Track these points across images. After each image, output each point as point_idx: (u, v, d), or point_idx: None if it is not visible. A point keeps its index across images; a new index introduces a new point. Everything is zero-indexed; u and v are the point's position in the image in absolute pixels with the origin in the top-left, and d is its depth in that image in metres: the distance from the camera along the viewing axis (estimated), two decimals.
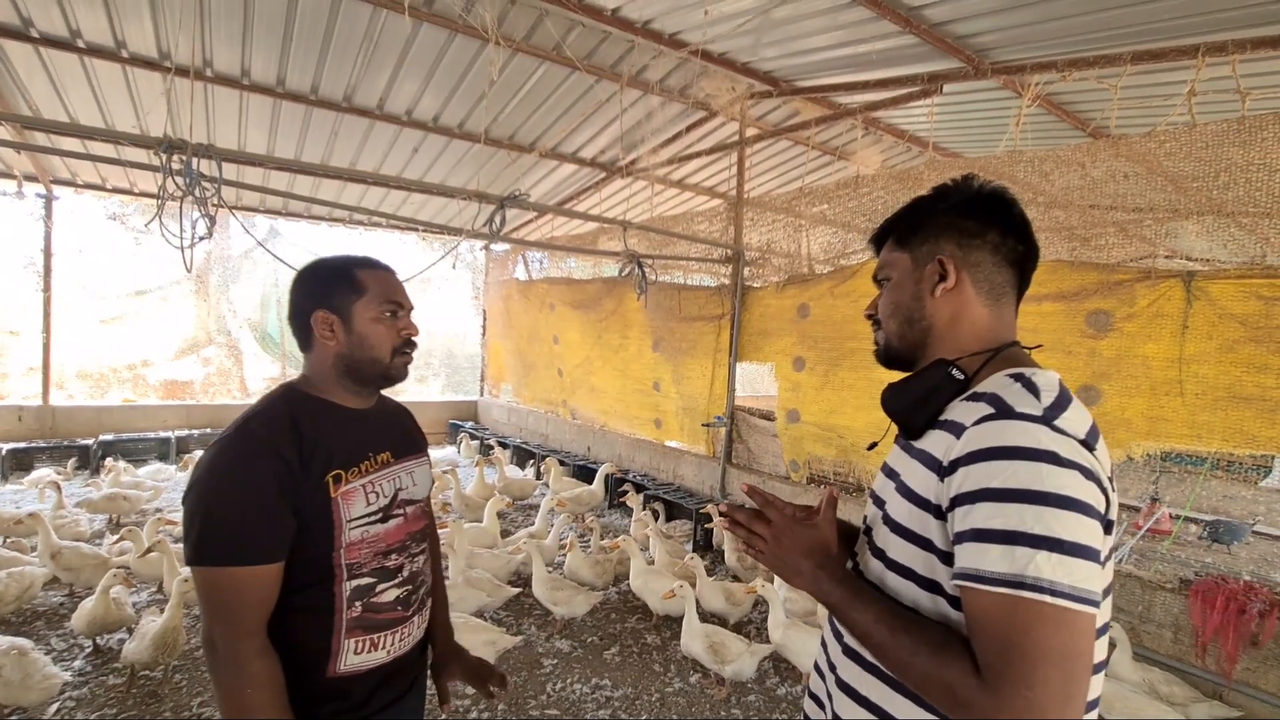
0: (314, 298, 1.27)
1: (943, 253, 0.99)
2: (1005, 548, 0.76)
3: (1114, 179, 4.10)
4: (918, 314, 1.01)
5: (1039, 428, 0.80)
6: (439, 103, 5.92)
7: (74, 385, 9.94)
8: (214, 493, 1.12)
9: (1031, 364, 0.96)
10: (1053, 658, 0.73)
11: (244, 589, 1.11)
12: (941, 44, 4.37)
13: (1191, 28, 3.83)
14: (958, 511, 0.82)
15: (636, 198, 7.62)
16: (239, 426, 1.17)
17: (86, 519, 4.83)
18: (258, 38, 4.85)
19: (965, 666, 0.78)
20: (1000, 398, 0.86)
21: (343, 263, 1.31)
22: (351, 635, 1.22)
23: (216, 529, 1.10)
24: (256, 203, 8.11)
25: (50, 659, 3.01)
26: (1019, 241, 0.99)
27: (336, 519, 1.20)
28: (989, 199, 0.99)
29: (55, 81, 5.24)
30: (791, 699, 3.23)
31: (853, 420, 4.94)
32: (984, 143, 6.76)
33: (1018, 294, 1.02)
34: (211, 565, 1.10)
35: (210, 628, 1.12)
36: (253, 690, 1.10)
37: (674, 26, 4.84)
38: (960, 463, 0.83)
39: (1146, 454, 3.64)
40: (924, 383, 0.98)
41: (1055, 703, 0.72)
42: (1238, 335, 3.27)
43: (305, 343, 1.30)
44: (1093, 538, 0.77)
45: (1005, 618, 0.75)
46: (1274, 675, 2.96)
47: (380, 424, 1.37)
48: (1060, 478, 0.77)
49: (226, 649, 1.10)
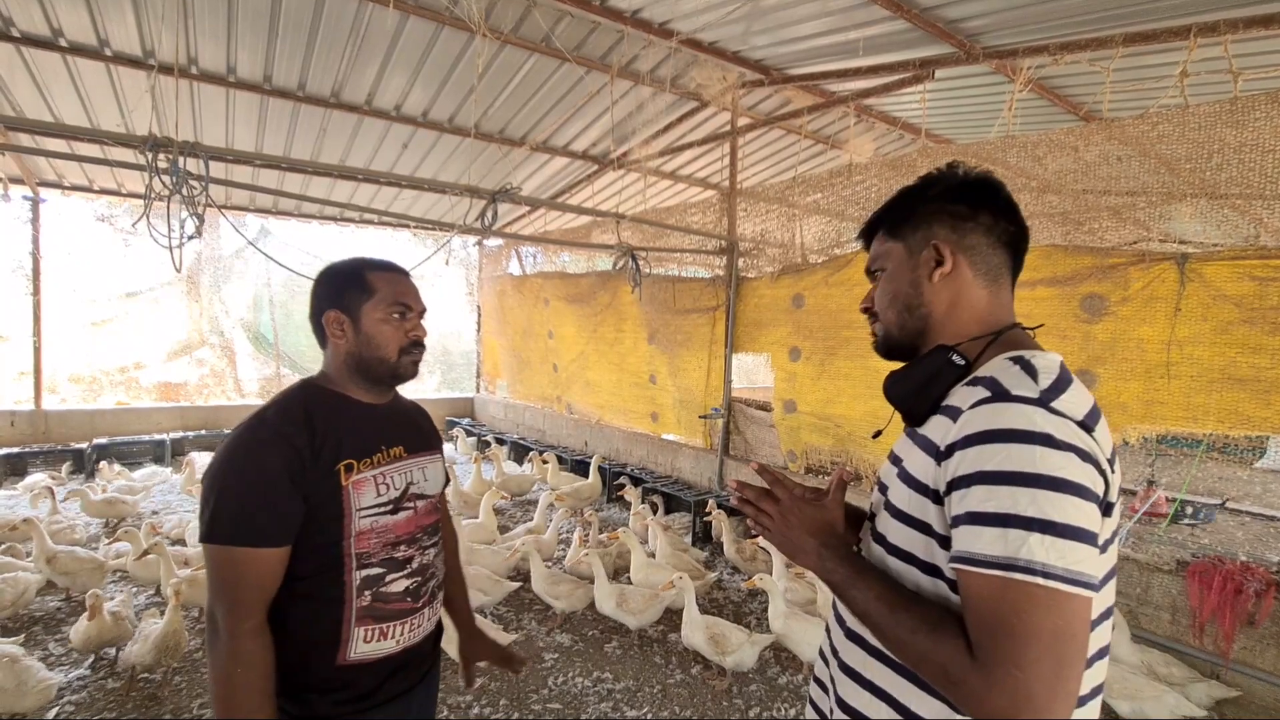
0: (327, 298, 1.34)
1: (937, 238, 0.99)
2: (999, 530, 0.76)
3: (1107, 162, 4.10)
4: (916, 301, 1.01)
5: (1035, 410, 0.80)
6: (428, 97, 5.87)
7: (66, 389, 9.87)
8: (226, 476, 1.18)
9: (1034, 346, 0.96)
10: (1044, 640, 0.73)
11: (247, 569, 1.16)
12: (933, 29, 4.34)
13: (1184, 7, 3.81)
14: (954, 495, 0.82)
15: (629, 190, 7.59)
16: (255, 417, 1.24)
17: (83, 524, 4.81)
18: (243, 34, 4.79)
19: (959, 646, 0.78)
20: (997, 381, 0.86)
21: (356, 265, 1.37)
22: (361, 624, 1.26)
23: (225, 510, 1.16)
24: (246, 201, 8.04)
25: (46, 664, 3.00)
26: (1010, 222, 0.99)
27: (346, 507, 1.24)
28: (977, 183, 1.00)
29: (38, 81, 5.17)
30: (793, 688, 3.23)
31: (849, 409, 4.94)
32: (977, 129, 6.74)
33: (1013, 276, 1.02)
34: (220, 544, 1.16)
35: (213, 603, 1.17)
36: (242, 669, 1.14)
37: (663, 15, 4.80)
38: (956, 446, 0.83)
39: (1143, 437, 3.65)
40: (925, 369, 0.97)
41: (1045, 685, 0.72)
42: (1232, 316, 3.27)
43: (321, 339, 1.37)
44: (1088, 520, 0.76)
45: (997, 599, 0.76)
46: (1271, 654, 2.98)
47: (394, 420, 1.42)
48: (1055, 460, 0.77)
49: (225, 624, 1.15)
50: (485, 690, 3.14)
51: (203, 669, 3.23)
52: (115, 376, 10.33)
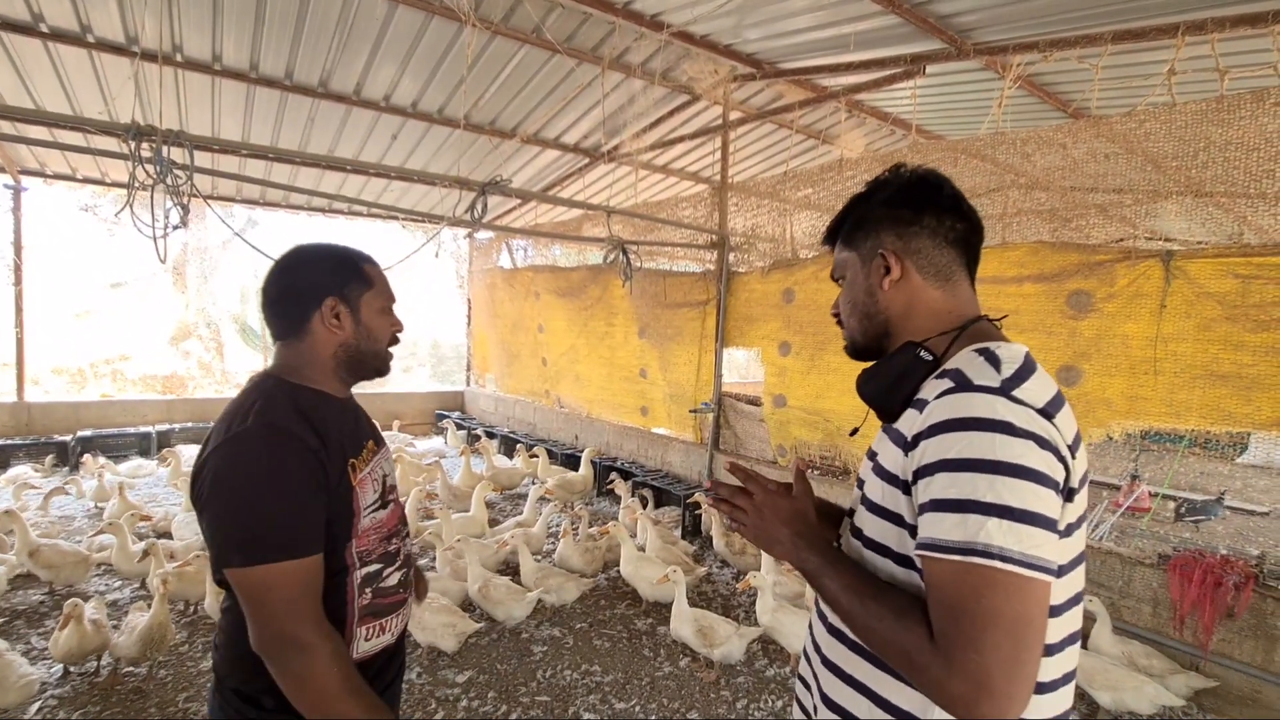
0: (324, 284, 1.25)
1: (884, 246, 1.01)
2: (959, 516, 0.78)
3: (1095, 159, 4.13)
4: (873, 309, 1.04)
5: (995, 398, 0.82)
6: (417, 87, 5.81)
7: (50, 381, 9.76)
8: (253, 489, 1.09)
9: (1000, 337, 0.98)
10: (1002, 624, 0.75)
11: (304, 580, 1.11)
12: (924, 24, 4.35)
13: (1172, 6, 3.83)
14: (920, 484, 0.84)
15: (620, 183, 7.57)
16: (255, 419, 1.13)
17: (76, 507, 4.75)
18: (228, 21, 4.72)
19: (923, 632, 0.80)
20: (962, 372, 0.87)
21: (347, 254, 1.31)
22: (363, 623, 1.25)
23: (267, 526, 1.08)
24: (233, 192, 7.95)
25: (28, 659, 2.97)
26: (957, 219, 1.00)
27: (356, 508, 1.22)
28: (918, 185, 1.01)
29: (19, 68, 5.08)
30: (780, 680, 3.26)
31: (839, 404, 4.96)
32: (966, 125, 6.76)
33: (969, 270, 1.03)
34: (268, 563, 1.07)
35: (278, 626, 1.08)
36: (338, 667, 1.10)
37: (655, 8, 4.77)
38: (921, 436, 0.85)
39: (1126, 433, 3.69)
40: (894, 366, 0.99)
41: (1003, 668, 0.74)
42: (1215, 313, 3.31)
43: (293, 328, 1.25)
44: (1045, 506, 0.78)
45: (957, 584, 0.77)
46: (1249, 646, 3.03)
47: (357, 414, 1.38)
48: (1013, 447, 0.78)
49: (308, 638, 1.08)
50: (474, 683, 3.14)
51: (188, 662, 3.22)
52: (100, 368, 10.22)
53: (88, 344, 10.18)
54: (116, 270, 10.19)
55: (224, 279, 10.40)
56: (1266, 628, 2.99)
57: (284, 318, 1.26)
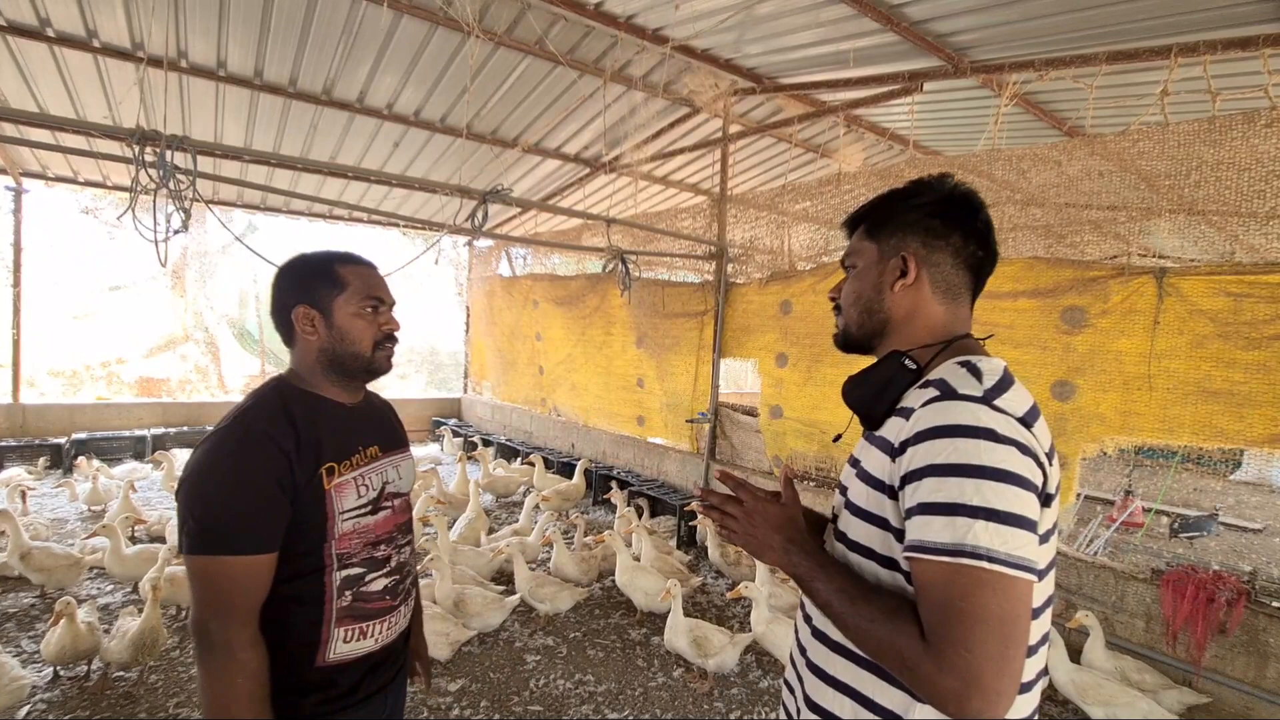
0: (295, 293, 1.30)
1: (907, 249, 1.02)
2: (948, 519, 0.80)
3: (1089, 177, 4.17)
4: (877, 306, 1.05)
5: (979, 407, 0.85)
6: (421, 96, 5.86)
7: (46, 382, 9.72)
8: (212, 483, 1.14)
9: (982, 352, 1.01)
10: (990, 622, 0.77)
11: (240, 578, 1.13)
12: (922, 42, 4.41)
13: (1165, 28, 3.90)
14: (907, 489, 0.87)
15: (620, 194, 7.61)
16: (236, 418, 1.20)
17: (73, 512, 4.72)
18: (234, 28, 4.76)
19: (913, 632, 0.82)
20: (946, 381, 0.91)
21: (324, 258, 1.34)
22: (341, 624, 1.25)
23: (215, 519, 1.12)
24: (234, 197, 7.98)
25: (19, 661, 2.95)
26: (979, 247, 1.03)
27: (329, 511, 1.23)
28: (959, 201, 1.02)
29: (24, 71, 5.11)
30: (774, 691, 3.25)
31: (834, 416, 4.98)
32: (963, 141, 6.83)
33: (973, 295, 1.06)
34: (208, 554, 1.12)
35: (203, 615, 1.13)
36: (241, 679, 1.12)
37: (657, 22, 4.83)
38: (909, 443, 0.88)
39: (1119, 448, 3.71)
40: (880, 375, 1.01)
41: (992, 665, 0.76)
42: (1207, 331, 3.34)
43: (289, 338, 1.33)
44: (1028, 509, 0.81)
45: (947, 584, 0.80)
46: (1241, 662, 3.04)
47: (368, 419, 1.41)
48: (997, 453, 0.81)
49: (220, 636, 1.12)
50: (466, 692, 3.13)
51: (179, 667, 3.20)
52: (96, 371, 10.19)
53: (85, 346, 10.16)
54: (116, 273, 10.20)
55: (222, 283, 10.40)
56: (1259, 644, 3.00)
57: (280, 328, 1.34)
